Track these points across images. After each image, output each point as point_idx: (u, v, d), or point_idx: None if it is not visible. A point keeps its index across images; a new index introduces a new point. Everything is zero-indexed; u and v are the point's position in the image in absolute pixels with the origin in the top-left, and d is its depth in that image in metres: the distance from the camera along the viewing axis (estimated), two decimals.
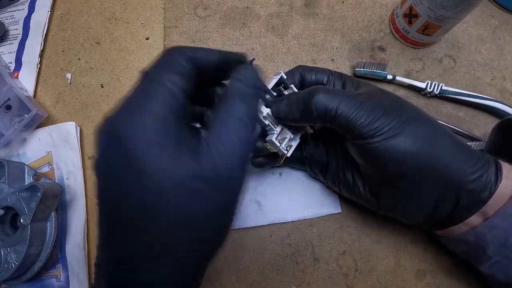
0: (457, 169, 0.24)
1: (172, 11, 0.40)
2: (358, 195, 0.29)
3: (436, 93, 0.36)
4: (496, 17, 0.41)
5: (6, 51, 0.39)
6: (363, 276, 0.32)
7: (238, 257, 0.32)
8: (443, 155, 0.24)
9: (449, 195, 0.25)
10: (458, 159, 0.24)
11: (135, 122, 0.17)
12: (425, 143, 0.24)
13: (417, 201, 0.26)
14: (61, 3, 0.40)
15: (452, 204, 0.25)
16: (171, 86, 0.18)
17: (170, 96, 0.17)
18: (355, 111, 0.24)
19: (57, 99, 0.37)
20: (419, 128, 0.25)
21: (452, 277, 0.32)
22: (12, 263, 0.29)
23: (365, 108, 0.24)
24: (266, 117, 0.26)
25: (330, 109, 0.24)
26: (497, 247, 0.24)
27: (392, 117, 0.24)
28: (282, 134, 0.27)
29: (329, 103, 0.24)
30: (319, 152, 0.32)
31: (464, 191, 0.24)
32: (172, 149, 0.16)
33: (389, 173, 0.25)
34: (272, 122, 0.26)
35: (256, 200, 0.34)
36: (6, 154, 0.35)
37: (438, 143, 0.25)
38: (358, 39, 0.39)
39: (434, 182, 0.25)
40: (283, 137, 0.27)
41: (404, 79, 0.37)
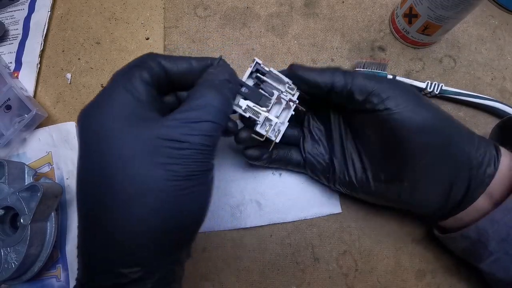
0: (468, 147, 0.25)
1: (172, 11, 0.40)
2: (368, 189, 0.29)
3: (436, 93, 0.36)
4: (496, 17, 0.41)
5: (6, 51, 0.39)
6: (363, 276, 0.32)
7: (238, 257, 0.32)
8: (455, 131, 0.26)
9: (462, 175, 0.25)
10: (467, 138, 0.26)
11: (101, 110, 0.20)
12: (438, 119, 0.25)
13: (434, 183, 0.26)
14: (61, 3, 0.40)
15: (464, 184, 0.25)
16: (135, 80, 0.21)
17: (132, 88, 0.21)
18: (371, 83, 0.26)
19: (57, 99, 0.37)
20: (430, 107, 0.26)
21: (452, 277, 0.32)
22: (12, 263, 0.29)
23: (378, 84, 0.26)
24: (247, 109, 0.26)
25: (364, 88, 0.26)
26: (498, 243, 0.25)
27: (404, 94, 0.26)
28: (267, 121, 0.26)
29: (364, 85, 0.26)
30: (320, 151, 0.31)
31: (474, 169, 0.25)
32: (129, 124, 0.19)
33: (412, 146, 0.25)
34: (254, 112, 0.26)
35: (256, 200, 0.34)
36: (6, 154, 0.35)
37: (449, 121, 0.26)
38: (358, 39, 0.39)
39: (451, 161, 0.25)
40: (269, 124, 0.26)
41: (404, 79, 0.37)
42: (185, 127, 0.20)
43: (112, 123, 0.19)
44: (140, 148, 0.19)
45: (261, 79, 0.27)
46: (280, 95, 0.27)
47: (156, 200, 0.19)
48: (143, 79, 0.21)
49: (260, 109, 0.26)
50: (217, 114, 0.21)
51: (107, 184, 0.19)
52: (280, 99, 0.27)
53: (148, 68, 0.22)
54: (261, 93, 0.26)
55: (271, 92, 0.27)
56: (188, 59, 0.24)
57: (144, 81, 0.21)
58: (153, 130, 0.19)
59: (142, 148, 0.19)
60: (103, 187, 0.19)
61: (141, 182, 0.18)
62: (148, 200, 0.19)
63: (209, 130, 0.20)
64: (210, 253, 0.32)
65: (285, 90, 0.27)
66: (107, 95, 0.21)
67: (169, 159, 0.19)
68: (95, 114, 0.20)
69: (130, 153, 0.19)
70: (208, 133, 0.20)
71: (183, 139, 0.19)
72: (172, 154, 0.19)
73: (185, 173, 0.19)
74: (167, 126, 0.19)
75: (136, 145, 0.19)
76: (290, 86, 0.27)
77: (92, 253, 0.20)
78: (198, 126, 0.20)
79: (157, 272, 0.20)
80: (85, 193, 0.20)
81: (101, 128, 0.19)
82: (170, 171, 0.19)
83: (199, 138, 0.20)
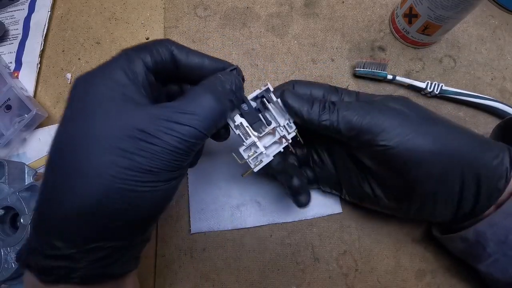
0: (478, 159, 0.24)
1: (172, 11, 0.40)
2: (382, 205, 0.29)
3: (436, 93, 0.36)
4: (496, 17, 0.41)
5: (6, 51, 0.39)
6: (363, 276, 0.32)
7: (238, 257, 0.32)
8: (464, 149, 0.24)
9: (472, 188, 0.25)
10: (478, 150, 0.25)
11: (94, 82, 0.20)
12: (444, 140, 0.24)
13: (444, 199, 0.25)
14: (61, 3, 0.40)
15: (474, 197, 0.25)
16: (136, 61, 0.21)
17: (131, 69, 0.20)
18: (360, 118, 0.24)
19: (57, 99, 0.37)
20: (434, 126, 0.25)
21: (452, 277, 0.32)
22: (12, 263, 0.29)
23: (370, 115, 0.24)
24: (238, 127, 0.25)
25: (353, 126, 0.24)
26: (496, 244, 0.25)
27: (401, 119, 0.24)
28: (254, 147, 0.25)
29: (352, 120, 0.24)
30: (327, 169, 0.31)
31: (484, 182, 0.24)
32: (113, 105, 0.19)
33: (413, 177, 0.25)
34: (244, 133, 0.25)
35: (256, 200, 0.34)
36: (6, 154, 0.35)
37: (456, 137, 0.25)
38: (358, 39, 0.39)
39: (459, 177, 0.24)
40: (254, 151, 0.25)
41: (404, 79, 0.37)
42: (163, 124, 0.19)
43: (98, 98, 0.19)
44: (113, 132, 0.19)
45: (265, 105, 0.26)
46: (276, 128, 0.26)
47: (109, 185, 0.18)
48: (145, 62, 0.21)
49: (251, 132, 0.25)
50: (204, 122, 0.20)
51: (70, 156, 0.19)
52: (275, 131, 0.26)
53: (155, 53, 0.22)
54: (259, 117, 0.26)
55: (269, 121, 0.26)
56: (202, 56, 0.23)
57: (145, 65, 0.21)
58: (132, 118, 0.19)
59: (114, 132, 0.19)
60: (66, 158, 0.19)
61: (100, 164, 0.18)
62: (99, 182, 0.18)
63: (189, 135, 0.20)
64: (210, 253, 0.32)
65: (283, 125, 0.26)
66: (106, 69, 0.20)
67: (136, 150, 0.19)
68: (87, 83, 0.20)
69: (102, 134, 0.19)
70: (186, 138, 0.20)
71: (156, 134, 0.19)
72: (140, 146, 0.19)
73: (148, 168, 0.19)
74: (147, 118, 0.19)
75: (110, 128, 0.19)
76: (290, 124, 0.27)
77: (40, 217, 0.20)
78: (178, 127, 0.19)
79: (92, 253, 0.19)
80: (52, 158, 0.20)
81: (86, 99, 0.19)
82: (133, 161, 0.18)
83: (175, 139, 0.19)
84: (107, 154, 0.18)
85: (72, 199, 0.18)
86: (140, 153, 0.19)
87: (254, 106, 0.26)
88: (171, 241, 0.33)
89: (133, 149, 0.18)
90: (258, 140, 0.25)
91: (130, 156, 0.18)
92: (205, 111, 0.20)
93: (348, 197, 0.31)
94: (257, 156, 0.25)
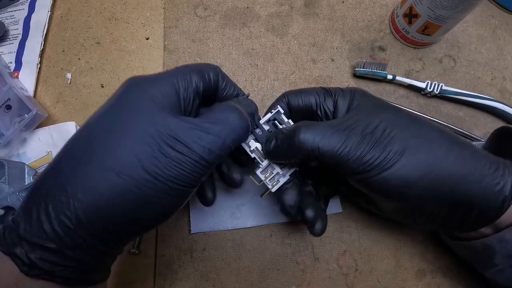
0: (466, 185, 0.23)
1: (172, 11, 0.40)
2: (375, 213, 0.30)
3: (436, 93, 0.36)
4: (496, 17, 0.41)
5: (6, 51, 0.39)
6: (363, 276, 0.32)
7: (238, 257, 0.32)
8: (455, 170, 0.23)
9: (462, 207, 0.23)
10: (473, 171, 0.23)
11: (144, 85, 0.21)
12: (429, 165, 0.23)
13: (426, 215, 0.25)
14: (61, 3, 0.40)
15: (463, 215, 0.24)
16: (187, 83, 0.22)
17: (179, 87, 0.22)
18: (340, 148, 0.23)
19: (57, 99, 0.37)
20: (421, 150, 0.23)
21: (452, 277, 0.32)
22: None
23: (352, 142, 0.23)
24: (254, 151, 0.26)
25: (313, 149, 0.23)
26: (504, 257, 0.24)
27: (384, 146, 0.23)
28: (270, 168, 0.27)
29: (310, 142, 0.23)
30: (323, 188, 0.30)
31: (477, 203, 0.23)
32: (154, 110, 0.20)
33: (392, 200, 0.24)
34: (260, 156, 0.26)
35: (256, 200, 0.34)
36: (6, 154, 0.35)
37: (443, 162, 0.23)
38: (358, 39, 0.39)
39: (444, 198, 0.23)
40: (271, 172, 0.27)
41: (404, 79, 0.37)
42: (192, 133, 0.20)
43: (139, 101, 0.20)
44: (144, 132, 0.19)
45: (277, 127, 0.27)
46: None
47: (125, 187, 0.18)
48: (197, 86, 0.23)
49: None
50: (230, 135, 0.21)
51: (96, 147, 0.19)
52: None
53: (206, 76, 0.23)
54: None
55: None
56: (235, 86, 0.26)
57: (195, 86, 0.23)
58: (163, 123, 0.20)
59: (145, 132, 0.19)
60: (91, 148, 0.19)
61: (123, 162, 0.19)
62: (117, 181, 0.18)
63: (215, 145, 0.20)
64: (210, 253, 0.32)
65: None
66: (160, 79, 0.22)
67: (162, 156, 0.19)
68: (137, 85, 0.21)
69: (133, 132, 0.19)
70: (213, 147, 0.20)
71: (183, 141, 0.19)
72: (168, 152, 0.19)
73: (169, 175, 0.19)
74: (177, 125, 0.20)
75: (142, 128, 0.19)
76: None
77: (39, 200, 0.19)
78: (206, 136, 0.20)
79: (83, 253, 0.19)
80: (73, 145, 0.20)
81: (129, 99, 0.21)
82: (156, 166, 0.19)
83: (200, 148, 0.20)
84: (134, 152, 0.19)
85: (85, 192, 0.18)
86: (165, 160, 0.19)
87: (267, 129, 0.27)
88: (171, 241, 0.33)
89: (159, 154, 0.19)
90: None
91: (155, 160, 0.19)
92: (231, 124, 0.21)
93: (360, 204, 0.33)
94: (274, 177, 0.27)
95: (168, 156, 0.19)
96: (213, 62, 0.37)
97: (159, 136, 0.19)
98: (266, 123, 0.27)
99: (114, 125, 0.20)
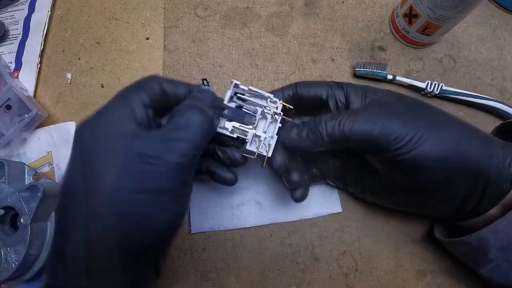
0: (485, 163, 0.24)
1: (172, 11, 0.40)
2: (384, 199, 0.30)
3: (436, 93, 0.36)
4: (496, 17, 0.41)
5: (6, 51, 0.39)
6: (363, 276, 0.32)
7: (238, 257, 0.32)
8: (472, 152, 0.24)
9: (477, 190, 0.25)
10: (487, 152, 0.24)
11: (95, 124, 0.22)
12: (453, 144, 0.24)
13: (445, 199, 0.26)
14: (61, 3, 0.40)
15: (478, 198, 0.25)
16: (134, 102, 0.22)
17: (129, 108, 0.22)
18: (371, 128, 0.24)
19: (57, 99, 0.37)
20: (444, 130, 0.24)
21: (452, 277, 0.32)
22: (12, 263, 0.29)
23: (381, 122, 0.24)
24: (234, 130, 0.27)
25: (342, 132, 0.24)
26: (499, 250, 0.24)
27: (411, 125, 0.24)
28: (256, 138, 0.27)
29: (337, 127, 0.24)
30: (332, 166, 0.31)
31: (489, 185, 0.24)
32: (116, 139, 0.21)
33: (419, 181, 0.25)
34: (242, 132, 0.26)
35: (256, 200, 0.34)
36: (6, 154, 0.35)
37: (466, 141, 0.25)
38: (358, 39, 0.39)
39: (465, 180, 0.24)
40: (258, 140, 0.27)
41: (404, 79, 0.37)
42: (162, 145, 0.21)
43: (101, 136, 0.21)
44: (118, 162, 0.20)
45: (242, 98, 0.27)
46: (263, 111, 0.27)
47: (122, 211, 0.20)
48: (142, 101, 0.23)
49: (246, 128, 0.27)
50: (197, 133, 0.22)
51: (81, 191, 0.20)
52: (265, 114, 0.27)
53: (149, 91, 0.24)
54: (244, 112, 0.27)
55: (254, 109, 0.27)
56: (186, 84, 0.26)
57: (143, 103, 0.23)
58: (132, 146, 0.20)
59: (119, 162, 0.20)
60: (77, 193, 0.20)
61: (110, 193, 0.20)
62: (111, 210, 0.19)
63: (187, 149, 0.21)
64: (210, 253, 0.32)
65: (267, 104, 0.27)
66: (105, 110, 0.22)
67: (141, 173, 0.20)
68: (88, 126, 0.22)
69: (107, 166, 0.20)
70: (186, 152, 0.21)
71: (157, 155, 0.20)
72: (144, 168, 0.20)
73: (156, 188, 0.20)
74: (145, 143, 0.21)
75: (114, 159, 0.20)
76: (272, 100, 0.27)
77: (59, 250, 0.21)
78: (176, 144, 0.21)
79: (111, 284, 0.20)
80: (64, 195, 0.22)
81: (89, 140, 0.21)
82: (141, 184, 0.20)
83: (175, 156, 0.20)
84: (115, 182, 0.20)
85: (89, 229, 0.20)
86: (145, 176, 0.20)
87: (235, 106, 0.27)
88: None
89: (138, 173, 0.20)
90: (256, 130, 0.27)
91: (137, 180, 0.20)
92: (195, 123, 0.22)
93: (351, 190, 0.32)
94: (264, 143, 0.27)
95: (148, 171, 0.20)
96: (213, 62, 0.38)
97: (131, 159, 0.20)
98: (230, 101, 0.27)
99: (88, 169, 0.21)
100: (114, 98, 0.23)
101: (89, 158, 0.21)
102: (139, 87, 0.24)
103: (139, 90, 0.23)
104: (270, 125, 0.28)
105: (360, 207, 0.34)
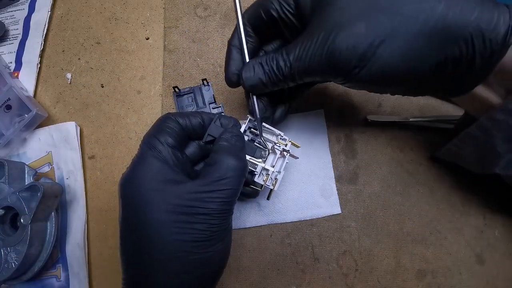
0: (464, 21, 0.21)
1: (172, 11, 0.40)
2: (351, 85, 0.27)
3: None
4: None
5: (6, 51, 0.39)
6: (363, 276, 0.32)
7: (238, 257, 0.32)
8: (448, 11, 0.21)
9: (463, 45, 0.22)
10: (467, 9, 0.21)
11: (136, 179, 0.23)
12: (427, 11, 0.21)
13: (435, 65, 0.23)
14: (61, 3, 0.40)
15: (469, 56, 0.22)
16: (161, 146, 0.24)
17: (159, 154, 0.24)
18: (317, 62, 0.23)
19: (57, 99, 0.37)
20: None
21: (452, 277, 0.32)
22: (12, 263, 0.29)
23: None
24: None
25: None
26: (504, 142, 0.25)
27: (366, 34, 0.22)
28: (264, 171, 0.28)
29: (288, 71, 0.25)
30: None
31: (478, 41, 0.21)
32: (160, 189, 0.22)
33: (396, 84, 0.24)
34: (252, 165, 0.28)
35: (256, 200, 0.34)
36: (6, 154, 0.35)
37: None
38: None
39: (436, 37, 0.22)
40: (266, 174, 0.28)
41: None
42: (207, 196, 0.22)
43: (145, 190, 0.22)
44: (168, 213, 0.22)
45: (255, 133, 0.29)
46: (273, 146, 0.29)
47: (182, 264, 0.22)
48: (168, 143, 0.24)
49: (256, 161, 0.28)
50: (237, 181, 0.23)
51: (139, 249, 0.22)
52: (274, 149, 0.29)
53: (170, 131, 0.25)
54: (255, 146, 0.28)
55: (265, 145, 0.28)
56: (198, 114, 0.27)
57: (169, 145, 0.24)
58: (177, 197, 0.22)
59: (170, 214, 0.22)
60: (135, 253, 0.22)
61: (168, 248, 0.21)
62: (174, 264, 0.22)
63: (229, 196, 0.23)
64: None
65: (277, 141, 0.29)
66: (139, 164, 0.23)
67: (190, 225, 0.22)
68: (131, 182, 0.23)
69: (158, 219, 0.22)
70: (228, 199, 0.23)
71: (202, 206, 0.22)
72: (193, 220, 0.22)
73: (208, 235, 0.22)
74: (190, 194, 0.22)
75: (165, 211, 0.22)
76: (282, 137, 0.29)
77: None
78: (219, 194, 0.22)
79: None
80: (126, 248, 0.23)
81: (136, 195, 0.23)
82: (190, 232, 0.22)
83: (218, 204, 0.22)
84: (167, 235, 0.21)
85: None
86: (195, 226, 0.22)
87: (247, 139, 0.29)
88: None
89: (186, 223, 0.22)
90: (265, 164, 0.28)
91: (187, 232, 0.22)
92: (234, 172, 0.23)
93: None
94: (271, 177, 0.28)
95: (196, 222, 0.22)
96: (213, 62, 0.38)
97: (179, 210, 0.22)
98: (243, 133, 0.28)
99: (141, 226, 0.22)
100: (141, 149, 0.24)
101: (140, 215, 0.22)
102: (160, 130, 0.25)
103: (161, 133, 0.24)
104: (278, 160, 0.29)
105: (360, 207, 0.34)
